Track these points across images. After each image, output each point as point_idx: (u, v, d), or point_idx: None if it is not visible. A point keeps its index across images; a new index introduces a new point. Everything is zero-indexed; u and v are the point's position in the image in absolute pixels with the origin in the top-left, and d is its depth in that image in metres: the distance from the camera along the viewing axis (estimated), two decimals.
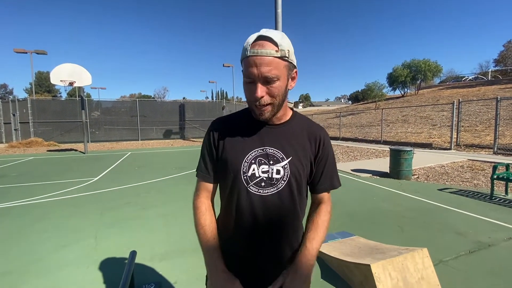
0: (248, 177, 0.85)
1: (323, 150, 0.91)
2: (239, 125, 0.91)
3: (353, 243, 2.68)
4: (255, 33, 0.78)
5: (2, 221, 3.64)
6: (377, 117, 20.65)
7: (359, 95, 67.86)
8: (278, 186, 0.85)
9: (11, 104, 18.06)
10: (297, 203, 0.89)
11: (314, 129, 0.92)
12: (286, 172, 0.85)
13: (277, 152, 0.86)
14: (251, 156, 0.86)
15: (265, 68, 0.74)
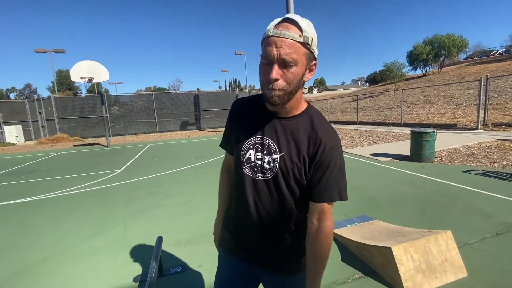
0: (245, 159, 0.91)
1: (323, 157, 0.83)
2: (252, 111, 0.94)
3: (372, 227, 2.67)
4: (280, 18, 0.77)
5: (38, 211, 3.93)
6: (396, 99, 19.82)
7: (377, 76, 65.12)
8: (267, 175, 0.89)
9: (36, 103, 19.03)
10: (285, 197, 0.89)
11: (318, 131, 0.86)
12: (275, 165, 0.87)
13: (272, 144, 0.88)
14: (250, 141, 0.91)
15: (285, 49, 0.73)
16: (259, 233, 0.95)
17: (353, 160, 6.07)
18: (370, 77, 70.40)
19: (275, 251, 0.96)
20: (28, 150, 13.22)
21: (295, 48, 0.74)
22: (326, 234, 0.85)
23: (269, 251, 0.96)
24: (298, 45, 0.74)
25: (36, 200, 4.55)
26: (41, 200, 4.51)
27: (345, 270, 2.11)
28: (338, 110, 22.95)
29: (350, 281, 1.99)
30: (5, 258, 2.65)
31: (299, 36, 0.73)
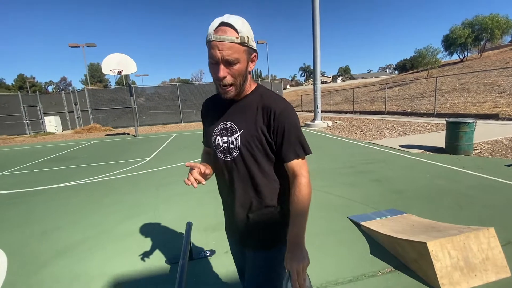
0: (216, 145, 1.04)
1: (276, 121, 0.93)
2: (215, 104, 1.09)
3: (404, 221, 2.57)
4: (218, 18, 0.86)
5: (79, 195, 4.26)
6: (429, 87, 18.57)
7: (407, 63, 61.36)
8: (233, 155, 0.99)
9: (72, 95, 20.32)
10: (252, 170, 0.98)
11: (267, 101, 0.96)
12: (238, 143, 0.98)
13: (233, 126, 0.99)
14: (217, 129, 1.03)
15: (227, 51, 0.84)
16: (238, 211, 1.04)
17: (380, 152, 5.83)
18: (399, 64, 66.43)
19: (255, 226, 1.03)
20: (66, 139, 14.25)
21: (234, 48, 0.85)
22: (301, 187, 0.93)
23: (249, 227, 1.03)
24: (237, 46, 0.85)
25: (76, 184, 4.92)
26: (81, 185, 4.86)
27: (374, 263, 2.07)
28: (364, 99, 22.00)
29: (380, 274, 1.95)
30: (50, 237, 2.91)
31: (236, 38, 0.84)
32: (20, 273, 2.25)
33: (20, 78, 67.03)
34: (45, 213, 3.61)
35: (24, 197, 4.40)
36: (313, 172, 4.41)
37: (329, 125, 11.18)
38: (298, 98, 36.48)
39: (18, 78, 67.75)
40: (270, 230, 1.03)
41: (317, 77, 11.13)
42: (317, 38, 10.83)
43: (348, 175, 4.32)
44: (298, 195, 0.93)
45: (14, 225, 3.26)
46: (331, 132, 9.47)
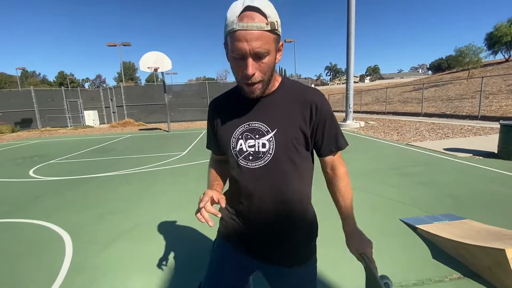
0: (237, 151, 0.86)
1: (319, 115, 0.85)
2: (230, 103, 0.92)
3: (465, 227, 2.42)
4: (238, 1, 0.71)
5: (125, 183, 4.51)
6: (470, 88, 17.33)
7: (443, 63, 57.76)
8: (265, 159, 0.84)
9: (108, 91, 21.56)
10: (289, 174, 0.86)
11: (304, 94, 0.86)
12: (271, 145, 0.84)
13: (262, 126, 0.85)
14: (238, 132, 0.87)
15: (256, 43, 0.69)
16: (267, 224, 0.89)
17: (423, 154, 5.54)
18: (434, 64, 62.74)
19: (287, 239, 0.91)
20: (103, 132, 15.16)
21: (264, 38, 0.70)
22: (345, 178, 0.93)
23: (279, 240, 0.90)
24: (267, 34, 0.71)
25: (122, 174, 5.22)
26: (126, 174, 5.15)
27: (438, 269, 1.97)
28: (396, 100, 21.04)
29: (447, 280, 1.85)
30: (107, 221, 3.11)
31: (266, 24, 0.69)
32: (85, 254, 2.43)
33: (60, 75, 72.51)
34: (99, 199, 3.86)
35: (77, 183, 4.75)
36: (354, 172, 4.33)
37: (361, 125, 10.83)
38: None
39: (58, 75, 73.33)
40: (307, 242, 0.95)
41: (350, 75, 10.82)
42: (351, 35, 10.52)
43: (392, 176, 4.15)
44: (346, 185, 0.93)
45: (74, 209, 3.53)
46: (364, 133, 9.16)
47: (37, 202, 3.87)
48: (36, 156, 7.96)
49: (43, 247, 2.58)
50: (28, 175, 5.56)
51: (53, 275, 2.11)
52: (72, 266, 2.23)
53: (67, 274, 2.13)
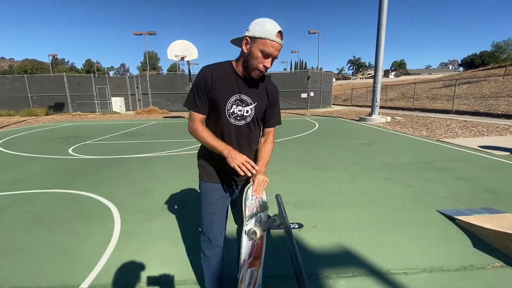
0: (230, 113, 1.29)
1: (273, 100, 1.40)
2: (226, 77, 1.28)
3: (507, 220, 2.36)
4: (273, 24, 1.17)
5: (159, 164, 4.75)
6: (506, 86, 16.25)
7: (476, 59, 54.23)
8: (247, 120, 1.33)
9: (134, 79, 22.26)
10: (256, 131, 1.41)
11: (270, 87, 1.38)
12: (252, 112, 1.33)
13: (248, 99, 1.30)
14: (232, 99, 1.28)
15: (278, 52, 1.21)
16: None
17: (457, 151, 5.34)
18: (466, 60, 58.98)
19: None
20: (130, 118, 15.77)
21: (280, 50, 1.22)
22: (270, 141, 1.43)
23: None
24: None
25: (155, 156, 5.48)
26: (159, 156, 5.41)
27: (480, 257, 1.96)
28: (424, 97, 20.13)
29: (490, 268, 1.84)
30: (150, 195, 3.32)
31: (282, 44, 1.21)
32: (133, 222, 2.62)
33: (87, 63, 75.56)
34: (139, 176, 4.11)
35: (116, 162, 5.05)
36: (386, 165, 4.29)
37: (387, 120, 10.53)
38: (344, 93, 34.86)
39: (86, 63, 76.43)
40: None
41: (379, 68, 10.48)
42: (382, 26, 10.14)
43: (425, 170, 4.07)
44: (271, 144, 1.43)
45: (116, 184, 3.78)
46: (391, 128, 8.92)
47: (80, 176, 4.18)
48: (72, 137, 8.49)
49: (93, 214, 2.81)
50: (68, 153, 5.97)
51: (107, 239, 2.31)
52: (123, 232, 2.43)
53: (119, 239, 2.32)
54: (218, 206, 1.43)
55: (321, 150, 5.74)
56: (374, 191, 3.30)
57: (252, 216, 1.24)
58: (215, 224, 1.44)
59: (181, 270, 1.88)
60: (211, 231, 1.45)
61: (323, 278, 1.78)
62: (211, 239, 1.46)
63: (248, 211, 1.21)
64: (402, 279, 1.75)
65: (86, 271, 1.88)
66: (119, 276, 1.84)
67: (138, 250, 2.14)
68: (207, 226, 1.46)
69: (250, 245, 1.26)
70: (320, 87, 21.58)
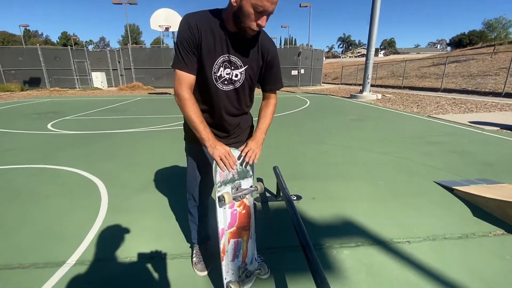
0: (217, 76, 1.12)
1: (270, 60, 1.19)
2: (213, 31, 1.06)
3: (506, 189, 2.36)
4: None
5: (145, 139, 4.51)
6: (494, 65, 16.43)
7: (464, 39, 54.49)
8: (236, 85, 1.17)
9: (116, 53, 20.96)
10: (247, 97, 1.26)
11: (265, 44, 1.15)
12: (242, 76, 1.16)
13: (238, 61, 1.12)
14: (219, 60, 1.10)
15: (274, 6, 0.97)
16: (227, 127, 1.28)
17: (448, 126, 5.37)
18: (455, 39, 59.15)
19: (240, 132, 1.35)
20: (113, 94, 15.02)
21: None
22: (274, 104, 1.32)
23: (235, 134, 1.33)
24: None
25: (142, 131, 5.21)
26: (147, 131, 5.15)
27: (481, 225, 1.95)
28: (413, 75, 20.15)
29: (491, 235, 1.83)
30: (137, 170, 3.13)
31: None
32: (121, 197, 2.46)
33: (64, 36, 70.29)
34: (124, 151, 3.88)
35: (99, 137, 4.76)
36: (382, 140, 4.25)
37: (378, 97, 10.50)
38: (334, 71, 34.49)
39: (62, 36, 71.12)
40: (249, 135, 1.40)
41: (372, 43, 10.23)
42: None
43: (420, 144, 4.05)
44: (273, 109, 1.31)
45: (100, 159, 3.55)
46: (382, 105, 8.89)
47: (62, 151, 3.90)
48: (51, 112, 7.96)
49: (77, 190, 2.62)
50: (46, 128, 5.58)
51: (93, 214, 2.15)
52: (111, 207, 2.27)
53: (107, 213, 2.16)
54: (204, 171, 1.37)
55: (314, 126, 5.64)
56: (370, 163, 3.25)
57: (226, 182, 1.20)
58: (199, 187, 1.40)
59: (175, 244, 1.77)
60: (196, 192, 1.42)
61: (326, 248, 1.72)
62: (196, 199, 1.44)
63: (219, 176, 1.16)
64: (405, 247, 1.71)
65: (72, 247, 1.73)
66: (108, 251, 1.70)
67: (128, 224, 2.00)
68: (192, 187, 1.41)
69: (225, 213, 1.23)
70: (310, 64, 21.17)
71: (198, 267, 1.51)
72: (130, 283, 1.44)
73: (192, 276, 1.49)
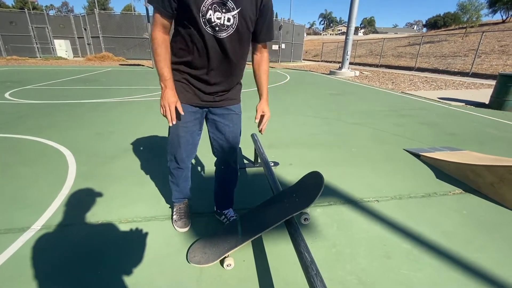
0: (206, 20, 0.99)
1: (266, 7, 1.08)
2: None
3: (466, 155, 2.55)
4: None
5: (116, 109, 4.26)
6: (464, 47, 17.15)
7: (439, 20, 55.88)
8: (229, 32, 1.04)
9: (81, 19, 19.03)
10: (243, 45, 1.12)
11: None
12: (235, 20, 1.03)
13: (229, 2, 0.99)
14: (208, 1, 0.97)
15: None
16: (222, 79, 1.17)
17: (419, 101, 5.61)
18: (430, 20, 60.49)
19: (233, 87, 1.26)
20: (80, 64, 13.85)
21: None
22: (267, 59, 1.27)
23: (229, 90, 1.25)
24: None
25: (112, 101, 4.89)
26: (117, 102, 4.85)
27: (442, 186, 2.10)
28: (390, 54, 20.58)
29: (451, 194, 1.99)
30: (108, 139, 2.97)
31: None
32: (91, 164, 2.33)
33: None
34: (92, 121, 3.64)
35: (65, 107, 4.42)
36: (356, 112, 4.35)
37: (356, 74, 10.64)
38: (315, 48, 34.26)
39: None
40: (240, 90, 1.35)
41: (352, 19, 10.14)
42: None
43: (392, 116, 4.22)
44: (268, 66, 1.26)
45: (66, 128, 3.31)
46: (359, 81, 9.05)
47: (22, 120, 3.58)
48: (8, 81, 7.22)
49: (42, 158, 2.44)
50: (4, 97, 5.08)
51: (60, 180, 2.03)
52: (79, 174, 2.15)
53: (75, 180, 2.05)
54: (185, 130, 1.27)
55: (294, 99, 5.63)
56: (346, 133, 3.33)
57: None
58: (182, 147, 1.32)
59: (151, 207, 1.73)
60: (178, 153, 1.35)
61: None
62: (178, 160, 1.37)
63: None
64: (374, 205, 1.81)
65: (37, 213, 1.63)
66: (77, 216, 1.63)
67: (99, 190, 1.91)
68: (174, 147, 1.33)
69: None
70: (291, 39, 20.75)
71: (178, 224, 1.51)
72: (102, 245, 1.40)
73: (168, 235, 1.48)
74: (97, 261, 1.28)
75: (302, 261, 0.93)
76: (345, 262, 1.31)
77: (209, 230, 1.53)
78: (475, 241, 1.48)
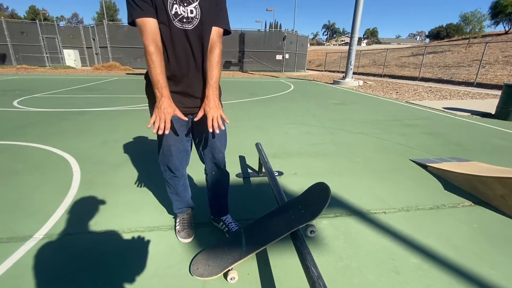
0: (173, 14, 1.05)
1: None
2: None
3: (474, 166, 2.50)
4: None
5: (122, 117, 4.29)
6: (467, 57, 17.17)
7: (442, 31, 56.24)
8: (194, 23, 1.09)
9: (90, 30, 19.56)
10: (208, 34, 1.13)
11: None
12: (198, 12, 1.08)
13: None
14: None
15: None
16: (196, 76, 1.18)
17: (424, 111, 5.58)
18: (433, 31, 60.91)
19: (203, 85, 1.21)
20: (88, 73, 14.13)
21: None
22: (217, 48, 1.15)
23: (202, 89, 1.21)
24: None
25: (117, 109, 4.95)
26: (123, 110, 4.90)
27: (451, 198, 2.05)
28: (393, 64, 20.68)
29: (460, 206, 1.94)
30: (113, 147, 2.99)
31: None
32: (94, 172, 2.34)
33: (32, 10, 64.25)
34: (98, 129, 3.68)
35: (71, 115, 4.48)
36: (360, 121, 4.33)
37: (360, 84, 10.67)
38: (318, 58, 34.61)
39: (30, 10, 65.06)
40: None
41: (355, 29, 10.26)
42: None
43: (397, 126, 4.19)
44: (218, 57, 1.16)
45: (72, 136, 3.34)
46: (363, 91, 9.06)
47: (29, 128, 3.63)
48: (17, 90, 7.37)
49: (47, 165, 2.46)
50: (12, 105, 5.17)
51: (64, 189, 2.03)
52: (83, 182, 2.15)
53: (80, 188, 2.05)
54: (174, 138, 1.26)
55: (297, 108, 5.64)
56: (350, 143, 3.31)
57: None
58: (174, 155, 1.31)
59: (154, 217, 1.71)
60: (171, 162, 1.34)
61: None
62: (172, 169, 1.37)
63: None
64: (381, 217, 1.77)
65: (40, 222, 1.62)
66: (81, 224, 1.61)
67: (102, 198, 1.91)
68: (166, 157, 1.32)
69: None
70: (295, 49, 21.01)
71: (181, 235, 1.48)
72: (104, 255, 1.38)
73: (171, 246, 1.45)
74: (98, 272, 1.26)
75: (309, 275, 0.90)
76: (352, 276, 1.27)
77: (213, 240, 1.50)
78: (487, 256, 1.43)
